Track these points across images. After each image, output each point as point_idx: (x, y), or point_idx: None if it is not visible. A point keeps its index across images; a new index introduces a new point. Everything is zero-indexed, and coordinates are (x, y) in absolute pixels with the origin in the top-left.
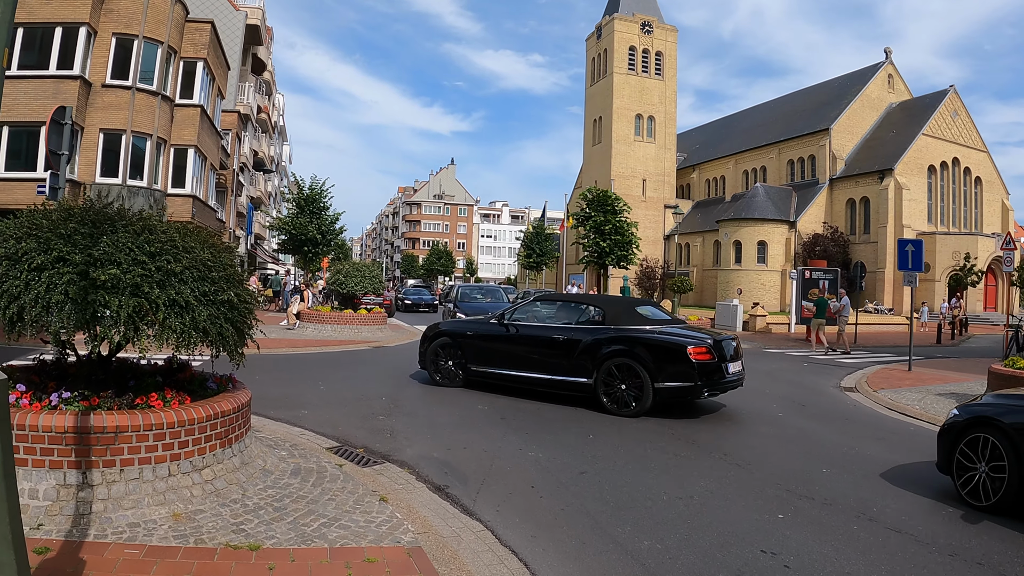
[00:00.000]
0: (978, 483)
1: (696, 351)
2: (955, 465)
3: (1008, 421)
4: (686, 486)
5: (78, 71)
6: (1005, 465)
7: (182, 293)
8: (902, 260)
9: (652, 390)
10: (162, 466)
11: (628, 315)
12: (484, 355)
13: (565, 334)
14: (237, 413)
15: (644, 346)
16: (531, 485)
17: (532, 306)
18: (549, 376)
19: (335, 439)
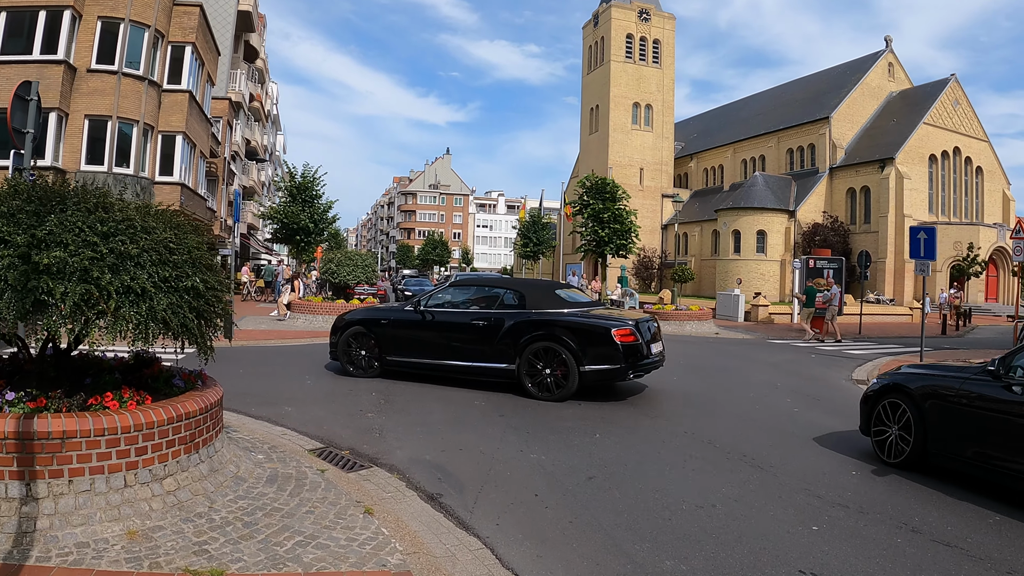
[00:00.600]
0: (889, 442)
1: (620, 333)
2: (872, 427)
3: (914, 387)
4: (707, 493)
5: (62, 55)
6: (911, 426)
7: (138, 279)
8: (914, 248)
9: (578, 373)
10: (116, 476)
11: (549, 299)
12: (401, 344)
13: (485, 319)
14: (205, 414)
15: (568, 330)
16: (534, 493)
17: (450, 291)
18: (470, 363)
19: (319, 439)
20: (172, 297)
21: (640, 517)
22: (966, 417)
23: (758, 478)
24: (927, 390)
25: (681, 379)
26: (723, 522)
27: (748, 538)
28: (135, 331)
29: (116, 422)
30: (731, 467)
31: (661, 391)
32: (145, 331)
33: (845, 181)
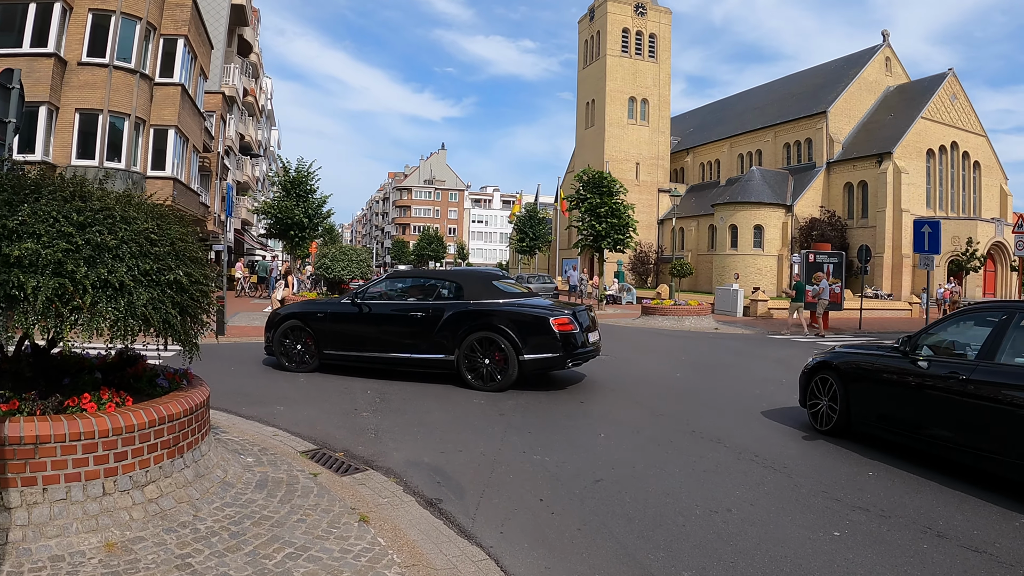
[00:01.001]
0: (820, 412)
1: (559, 322)
2: (808, 400)
3: (840, 364)
4: (720, 496)
5: (52, 48)
6: (837, 398)
7: (116, 272)
8: (918, 242)
9: (517, 363)
10: (94, 484)
11: (486, 289)
12: (338, 337)
13: (423, 311)
14: (190, 416)
15: (507, 319)
16: (540, 498)
17: (386, 283)
18: (409, 355)
19: (312, 440)
20: (153, 292)
21: (652, 523)
22: (880, 388)
23: (772, 480)
24: (850, 366)
25: (685, 376)
26: (739, 528)
27: (767, 545)
28: (112, 328)
29: (93, 426)
30: (743, 468)
31: (665, 388)
32: (124, 328)
33: (842, 176)
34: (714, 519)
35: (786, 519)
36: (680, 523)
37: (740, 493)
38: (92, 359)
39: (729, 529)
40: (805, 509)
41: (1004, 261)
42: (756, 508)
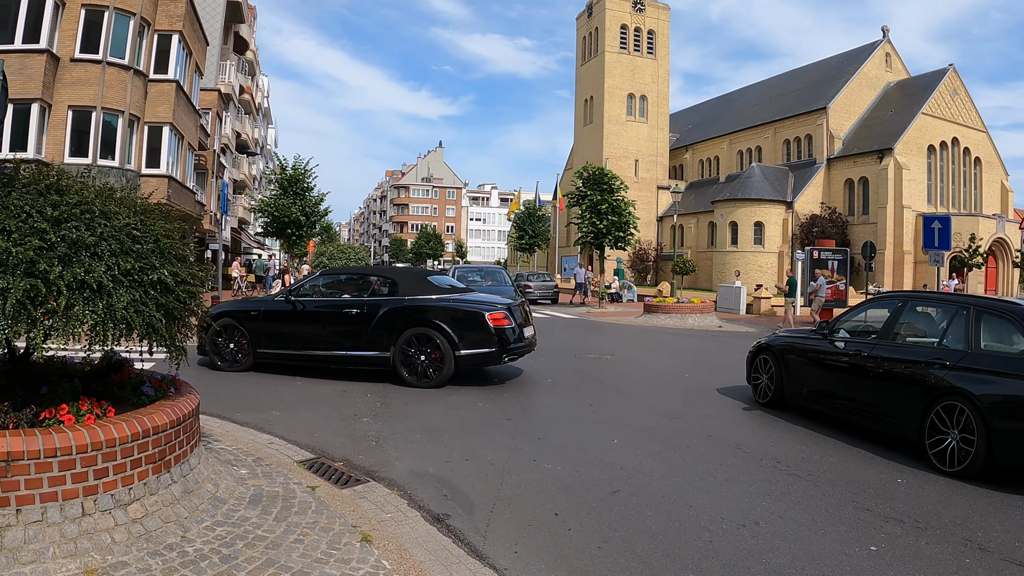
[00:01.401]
0: (761, 387)
1: (494, 317)
2: (751, 377)
3: (776, 345)
4: (746, 507)
5: (45, 44)
6: (775, 373)
7: (94, 271)
8: (927, 238)
9: (453, 358)
10: (72, 504)
11: (421, 285)
12: (273, 336)
13: (358, 307)
14: (177, 427)
15: (442, 315)
16: (554, 512)
17: (321, 280)
18: (344, 352)
19: (309, 449)
20: (135, 293)
21: (677, 540)
22: (806, 366)
23: (798, 488)
24: (783, 348)
25: (694, 376)
26: (770, 543)
27: (801, 562)
28: (91, 333)
29: (70, 440)
30: (766, 476)
31: (675, 389)
32: (103, 333)
33: (843, 172)
34: (743, 534)
35: (818, 533)
36: (707, 539)
37: (767, 504)
38: (76, 364)
39: (760, 545)
40: (837, 521)
41: (1006, 257)
42: (786, 521)
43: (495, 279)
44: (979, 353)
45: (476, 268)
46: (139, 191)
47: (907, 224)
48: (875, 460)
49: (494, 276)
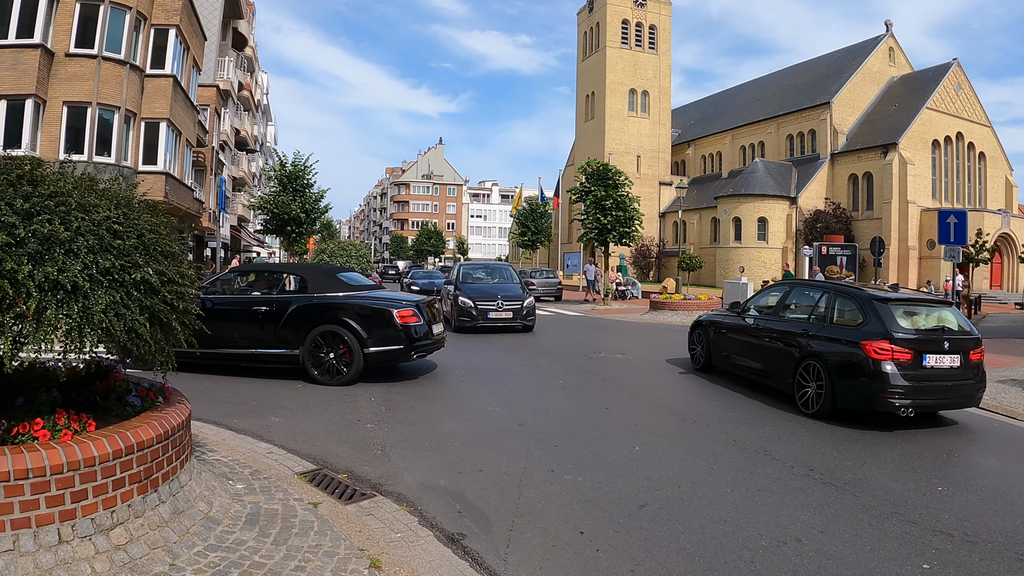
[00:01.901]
0: (696, 355)
1: (402, 314)
2: (690, 349)
3: (705, 321)
4: (783, 521)
5: (39, 39)
6: (705, 344)
7: (68, 270)
8: (943, 233)
9: (362, 356)
10: (48, 530)
11: (330, 283)
12: None
13: (267, 305)
14: (165, 441)
15: (351, 313)
16: (579, 530)
17: (230, 277)
18: (254, 351)
19: (311, 459)
20: (116, 294)
21: (715, 560)
22: (725, 337)
23: (836, 499)
24: (711, 323)
25: (711, 376)
26: (815, 562)
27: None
28: (66, 340)
29: (44, 459)
30: (800, 485)
31: (692, 392)
32: (79, 339)
33: (847, 167)
34: (784, 552)
35: (864, 549)
36: (747, 558)
37: (805, 517)
38: (59, 371)
39: (805, 565)
40: (882, 536)
41: (1011, 252)
42: (828, 536)
43: (501, 275)
44: (831, 326)
45: (481, 264)
46: (136, 188)
47: (912, 220)
48: (914, 468)
49: (500, 272)
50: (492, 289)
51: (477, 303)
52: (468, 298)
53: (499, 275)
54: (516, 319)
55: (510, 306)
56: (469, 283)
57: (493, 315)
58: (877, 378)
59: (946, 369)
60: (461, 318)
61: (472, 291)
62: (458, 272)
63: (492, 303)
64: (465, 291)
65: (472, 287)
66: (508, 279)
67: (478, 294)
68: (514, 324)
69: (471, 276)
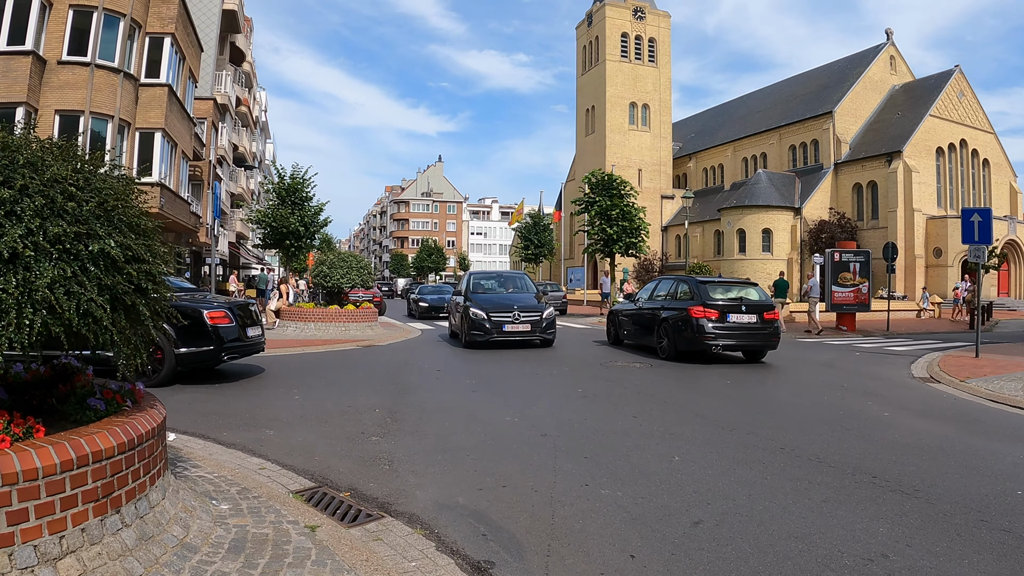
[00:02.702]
0: (610, 333)
1: (213, 315)
2: (606, 329)
3: (614, 309)
4: (861, 535)
5: (31, 46)
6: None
7: (6, 235)
8: (966, 232)
9: (174, 357)
10: None
11: None
12: None
13: None
14: (131, 451)
15: None
16: (629, 553)
17: None
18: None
19: (308, 476)
20: (67, 267)
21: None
22: (626, 319)
23: (914, 508)
24: (617, 311)
25: (736, 383)
26: None
27: None
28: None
29: None
30: (868, 495)
31: (719, 398)
32: (16, 323)
33: (851, 176)
34: (873, 570)
35: (963, 565)
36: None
37: (885, 529)
38: (16, 374)
39: None
40: (979, 547)
41: (1018, 259)
42: (916, 550)
43: (515, 284)
44: (673, 300)
45: (493, 273)
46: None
47: (918, 228)
48: (990, 477)
49: (514, 281)
50: (506, 300)
51: (491, 315)
52: (481, 309)
53: (513, 284)
54: (534, 332)
55: (528, 318)
56: (481, 293)
57: (509, 328)
58: (697, 330)
59: (744, 324)
60: (473, 332)
61: (485, 302)
62: (468, 282)
63: (507, 315)
64: (477, 302)
65: (484, 297)
66: (523, 288)
67: (491, 305)
68: (532, 338)
69: (482, 286)
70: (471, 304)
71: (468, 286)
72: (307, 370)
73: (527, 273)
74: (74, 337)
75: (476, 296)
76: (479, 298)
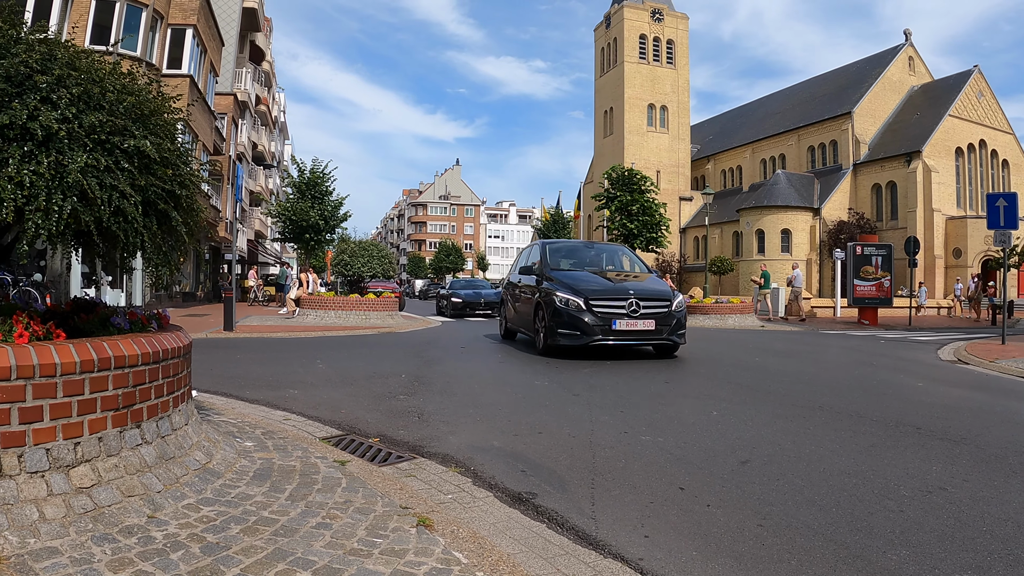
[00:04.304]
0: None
1: None
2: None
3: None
4: (915, 472)
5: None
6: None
7: (41, 117)
8: (992, 217)
9: None
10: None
11: None
12: None
13: None
14: (154, 365)
15: None
16: (679, 487)
17: None
18: None
19: (335, 425)
20: (100, 158)
21: (857, 511)
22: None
23: (965, 453)
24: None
25: (764, 360)
26: (976, 508)
27: None
28: (27, 205)
29: None
30: (916, 442)
31: (751, 370)
32: (46, 207)
33: (870, 177)
34: (935, 500)
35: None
36: (895, 508)
37: (938, 468)
38: (36, 306)
39: (965, 513)
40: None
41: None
42: (974, 484)
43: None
44: None
45: (580, 244)
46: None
47: (937, 228)
48: None
49: (613, 257)
50: (613, 284)
51: (593, 303)
52: (575, 294)
53: (612, 261)
54: (661, 332)
55: (651, 309)
56: (568, 271)
57: (623, 325)
58: None
59: None
60: (563, 330)
61: (578, 283)
62: (545, 253)
63: (618, 304)
64: (566, 283)
65: (576, 278)
66: (629, 268)
67: (591, 289)
68: (657, 340)
69: (568, 259)
70: (556, 287)
71: (545, 258)
72: (329, 347)
73: None
74: (104, 235)
75: (562, 275)
76: (567, 278)
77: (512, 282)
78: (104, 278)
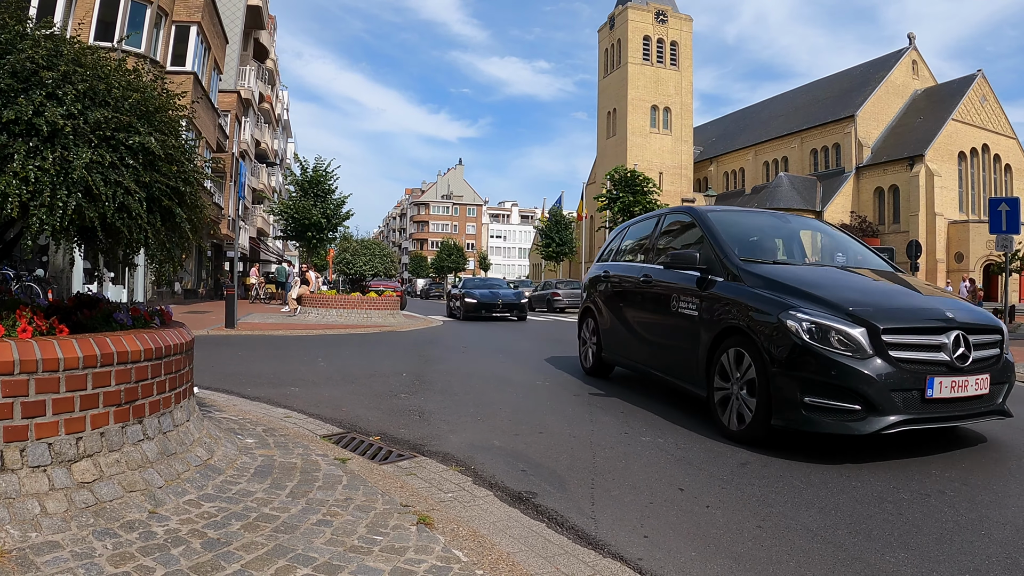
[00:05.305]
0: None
1: None
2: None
3: None
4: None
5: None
6: None
7: (46, 112)
8: (994, 221)
9: None
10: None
11: None
12: None
13: None
14: (157, 362)
15: None
16: (679, 487)
17: None
18: None
19: (336, 423)
20: (105, 154)
21: (855, 513)
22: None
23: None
24: None
25: None
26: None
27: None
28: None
29: None
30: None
31: None
32: (49, 203)
33: (872, 180)
34: (932, 504)
35: None
36: (893, 511)
37: (936, 471)
38: (39, 302)
39: (962, 516)
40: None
41: None
42: (973, 487)
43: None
44: None
45: (766, 213)
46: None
47: (939, 232)
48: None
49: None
50: (911, 296)
51: (888, 340)
52: (836, 315)
53: (834, 247)
54: (995, 397)
55: (983, 351)
56: (784, 268)
57: (946, 389)
58: None
59: None
60: (818, 399)
61: (831, 292)
62: (711, 227)
63: (933, 341)
64: (800, 291)
65: (817, 277)
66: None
67: (876, 307)
68: (988, 412)
69: (756, 242)
70: (783, 296)
71: (715, 235)
72: (330, 345)
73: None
74: (108, 231)
75: (774, 272)
76: (791, 276)
77: (615, 277)
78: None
